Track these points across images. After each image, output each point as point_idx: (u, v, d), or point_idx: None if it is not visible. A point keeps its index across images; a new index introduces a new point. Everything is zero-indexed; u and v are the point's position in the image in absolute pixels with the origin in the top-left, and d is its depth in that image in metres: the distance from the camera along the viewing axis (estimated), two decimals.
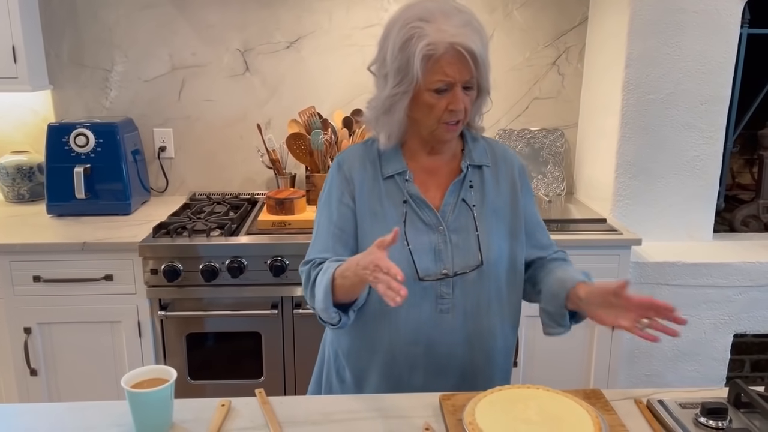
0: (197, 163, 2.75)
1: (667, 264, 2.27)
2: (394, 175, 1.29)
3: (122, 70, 2.66)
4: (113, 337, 2.21)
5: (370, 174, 1.30)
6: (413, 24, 1.16)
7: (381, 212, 1.28)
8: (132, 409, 1.06)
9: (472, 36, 1.16)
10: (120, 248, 2.14)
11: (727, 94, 2.33)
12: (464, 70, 1.17)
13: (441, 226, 1.28)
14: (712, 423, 1.05)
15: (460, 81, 1.18)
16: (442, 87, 1.18)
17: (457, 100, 1.19)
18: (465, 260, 1.27)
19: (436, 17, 1.16)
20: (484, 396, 1.09)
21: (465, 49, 1.15)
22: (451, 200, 1.29)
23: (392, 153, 1.31)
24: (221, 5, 2.60)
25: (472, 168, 1.32)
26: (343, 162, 1.34)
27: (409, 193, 1.28)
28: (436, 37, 1.14)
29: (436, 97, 1.20)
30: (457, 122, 1.24)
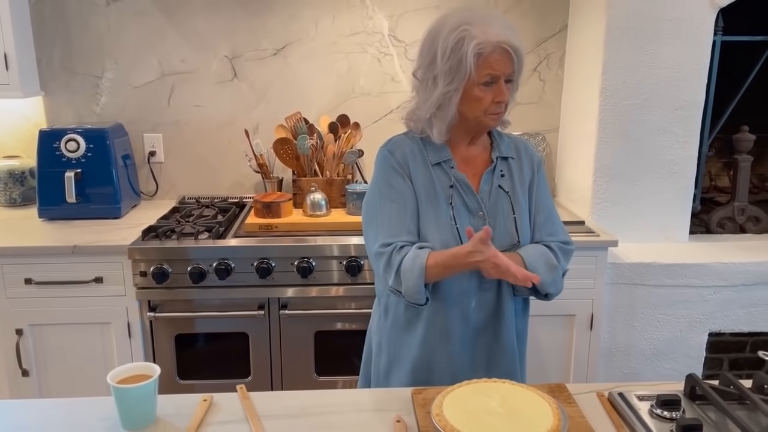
0: (186, 167, 2.80)
1: (643, 264, 2.34)
2: (440, 162, 1.45)
3: (112, 76, 2.71)
4: (103, 338, 2.26)
5: (420, 160, 1.45)
6: (462, 28, 1.33)
7: (434, 194, 1.43)
8: (117, 404, 1.12)
9: (513, 35, 1.34)
10: (110, 251, 2.19)
11: (701, 100, 2.40)
12: (508, 65, 1.35)
13: (481, 211, 1.44)
14: (666, 414, 1.11)
15: (504, 75, 1.35)
16: (489, 80, 1.35)
17: (502, 92, 1.36)
18: (502, 240, 1.43)
19: (479, 22, 1.33)
20: (452, 390, 1.15)
21: (510, 47, 1.33)
22: (486, 187, 1.46)
23: (436, 144, 1.45)
24: (210, 13, 2.66)
25: (501, 159, 1.48)
26: (394, 149, 1.47)
27: (456, 178, 1.44)
28: (483, 38, 1.31)
29: (484, 90, 1.36)
30: (500, 113, 1.40)
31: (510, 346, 1.50)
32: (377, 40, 2.70)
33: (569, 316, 2.31)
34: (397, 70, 2.72)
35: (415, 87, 1.46)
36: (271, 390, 2.31)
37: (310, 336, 2.28)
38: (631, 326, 2.40)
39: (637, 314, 2.39)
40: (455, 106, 1.38)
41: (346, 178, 2.54)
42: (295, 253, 2.20)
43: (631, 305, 2.38)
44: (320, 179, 2.50)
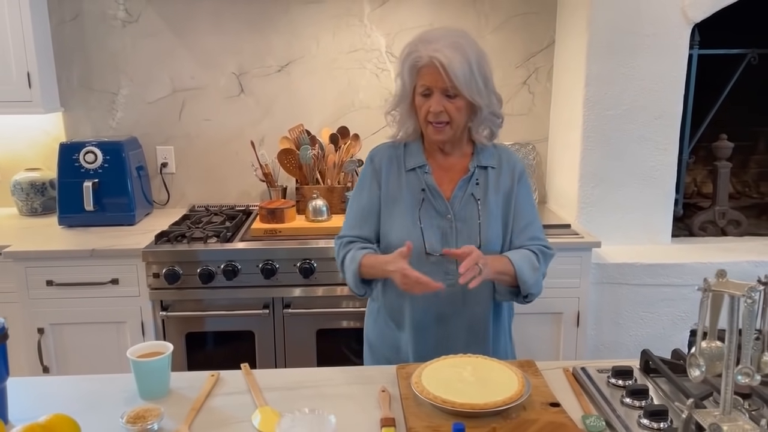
0: (196, 177, 2.97)
1: (626, 265, 2.48)
2: (415, 168, 1.59)
3: (127, 93, 2.89)
4: (119, 337, 2.41)
5: (395, 167, 1.61)
6: (413, 44, 1.50)
7: (400, 198, 1.58)
8: (136, 376, 1.27)
9: (453, 54, 1.43)
10: (125, 254, 2.35)
11: (678, 110, 2.55)
12: (439, 79, 1.45)
13: (449, 214, 1.56)
14: (620, 382, 1.25)
15: (438, 88, 1.46)
16: (424, 92, 1.49)
17: (435, 103, 1.47)
18: (468, 242, 1.53)
19: (428, 39, 1.47)
20: (430, 363, 1.30)
21: (438, 62, 1.43)
22: (459, 193, 1.57)
23: (415, 150, 1.61)
24: (218, 33, 2.84)
25: (480, 168, 1.59)
26: (374, 156, 1.66)
27: (426, 183, 1.57)
28: (422, 53, 1.46)
29: (422, 100, 1.50)
30: (442, 124, 1.50)
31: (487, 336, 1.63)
32: (375, 56, 2.87)
33: (556, 313, 2.44)
34: (393, 84, 2.88)
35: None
36: None
37: (312, 334, 2.42)
38: (616, 324, 2.53)
39: (621, 312, 2.52)
40: (407, 111, 1.55)
41: (346, 186, 2.70)
42: (298, 255, 2.35)
43: (615, 303, 2.51)
44: (322, 187, 2.66)
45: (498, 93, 1.58)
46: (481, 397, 1.16)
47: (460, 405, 1.14)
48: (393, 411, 1.20)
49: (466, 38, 1.50)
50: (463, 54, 1.45)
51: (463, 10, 2.84)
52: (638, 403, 1.17)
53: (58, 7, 2.79)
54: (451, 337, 1.58)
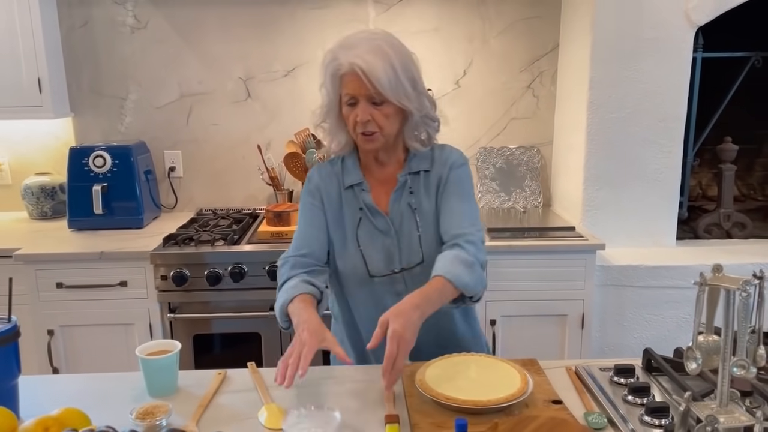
0: (204, 181, 3.00)
1: (631, 267, 2.48)
2: (353, 186, 1.50)
3: (136, 98, 2.93)
4: (127, 338, 2.44)
5: (335, 186, 1.52)
6: (333, 50, 1.40)
7: (341, 219, 1.50)
8: (144, 374, 1.29)
9: (374, 59, 1.34)
10: (133, 257, 2.38)
11: (683, 113, 2.56)
12: (362, 87, 1.35)
13: (392, 230, 1.47)
14: (622, 380, 1.26)
15: (362, 96, 1.37)
16: (349, 101, 1.40)
17: (362, 112, 1.38)
18: (410, 258, 1.47)
19: (348, 45, 1.38)
20: (435, 361, 1.31)
21: (359, 68, 1.34)
22: (396, 206, 1.49)
23: (352, 166, 1.52)
24: (225, 39, 2.88)
25: (413, 175, 1.50)
26: (312, 177, 1.56)
27: (364, 202, 1.49)
28: (342, 60, 1.36)
29: (348, 110, 1.41)
30: (372, 133, 1.41)
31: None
32: None
33: (561, 316, 2.45)
34: None
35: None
36: None
37: None
38: (621, 326, 2.53)
39: (626, 314, 2.53)
40: (335, 120, 1.46)
41: None
42: None
43: (620, 306, 2.52)
44: None
45: (430, 95, 1.49)
46: (484, 394, 1.17)
47: (463, 401, 1.15)
48: (397, 408, 1.22)
49: (389, 40, 1.41)
50: (385, 58, 1.36)
51: (467, 15, 2.87)
52: (640, 401, 1.18)
53: (68, 14, 2.83)
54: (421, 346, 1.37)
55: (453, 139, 2.94)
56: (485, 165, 2.95)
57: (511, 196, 2.95)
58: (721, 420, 0.78)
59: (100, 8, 2.84)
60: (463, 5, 2.87)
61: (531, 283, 2.43)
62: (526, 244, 2.42)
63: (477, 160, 2.95)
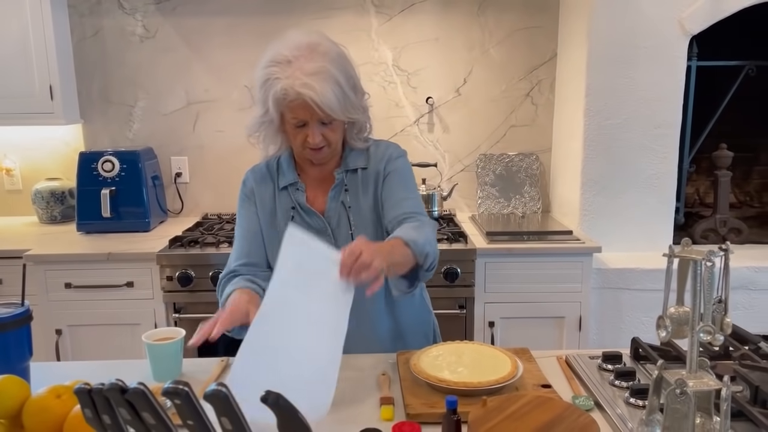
0: (209, 187, 3.07)
1: (627, 270, 2.53)
2: (287, 186, 1.49)
3: (144, 105, 3.01)
4: (133, 338, 2.48)
5: (270, 188, 1.51)
6: (271, 69, 1.32)
7: (275, 221, 1.49)
8: (150, 359, 1.35)
9: (322, 86, 1.28)
10: (140, 258, 2.44)
11: (677, 120, 2.62)
12: (313, 112, 1.31)
13: (328, 229, 1.46)
14: (609, 366, 1.31)
15: (313, 119, 1.33)
16: (298, 123, 1.35)
17: (311, 135, 1.35)
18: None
19: (289, 64, 1.30)
20: (429, 348, 1.36)
21: (310, 99, 1.28)
22: (333, 205, 1.48)
23: (287, 166, 1.50)
24: (231, 48, 2.96)
25: (350, 173, 1.49)
26: (247, 180, 1.56)
27: (297, 201, 1.48)
28: (287, 84, 1.28)
29: (296, 130, 1.36)
30: (321, 148, 1.39)
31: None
32: (382, 69, 2.97)
33: (559, 318, 2.49)
34: (400, 96, 2.98)
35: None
36: None
37: None
38: (618, 328, 2.57)
39: (623, 317, 2.56)
40: (274, 131, 1.41)
41: None
42: None
43: (617, 308, 2.56)
44: None
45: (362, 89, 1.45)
46: (475, 377, 1.22)
47: (455, 383, 1.20)
48: (392, 392, 1.27)
49: (328, 53, 1.34)
50: (331, 79, 1.30)
51: (467, 25, 2.94)
52: (626, 384, 1.23)
53: (79, 23, 2.92)
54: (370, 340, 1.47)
55: (453, 147, 3.04)
56: (485, 171, 3.01)
57: (510, 202, 3.00)
58: (690, 384, 0.83)
59: (111, 18, 2.93)
60: (463, 15, 2.94)
61: (529, 285, 2.47)
62: (524, 247, 2.47)
63: (477, 166, 3.01)
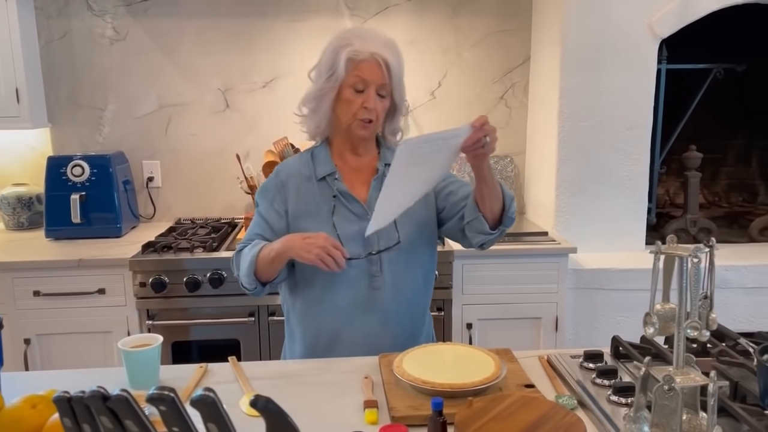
0: (182, 191, 3.02)
1: (602, 270, 2.55)
2: (325, 177, 1.56)
3: (114, 109, 2.95)
4: (105, 346, 2.43)
5: (305, 179, 1.57)
6: (344, 37, 1.49)
7: (315, 210, 1.55)
8: (126, 367, 1.31)
9: (390, 53, 1.48)
10: (112, 264, 2.39)
11: (648, 122, 2.66)
12: (379, 75, 1.46)
13: (368, 215, 1.50)
14: (591, 365, 1.31)
15: (375, 83, 1.47)
16: (359, 86, 1.46)
17: (370, 99, 1.47)
18: (387, 241, 1.53)
19: (362, 36, 1.49)
20: (412, 350, 1.35)
21: (381, 59, 1.45)
22: (374, 193, 1.53)
23: (323, 156, 1.58)
24: (204, 50, 2.92)
25: (388, 166, 1.55)
26: (281, 170, 1.61)
27: (338, 190, 1.55)
28: (359, 47, 1.45)
29: (354, 95, 1.47)
30: (370, 121, 1.49)
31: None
32: None
33: (535, 318, 2.51)
34: None
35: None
36: None
37: None
38: (594, 328, 2.60)
39: (598, 316, 2.59)
40: (329, 104, 1.50)
41: None
42: None
43: (592, 308, 2.58)
44: None
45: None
46: (459, 378, 1.21)
47: (440, 385, 1.19)
48: (376, 395, 1.25)
49: (393, 42, 1.52)
50: (397, 56, 1.50)
51: (441, 28, 2.95)
52: (608, 382, 1.23)
53: (47, 25, 2.86)
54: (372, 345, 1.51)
55: None
56: (461, 174, 3.01)
57: None
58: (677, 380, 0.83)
59: (79, 20, 2.87)
60: (437, 18, 2.95)
61: (506, 287, 2.48)
62: (500, 248, 2.47)
63: (453, 169, 3.01)
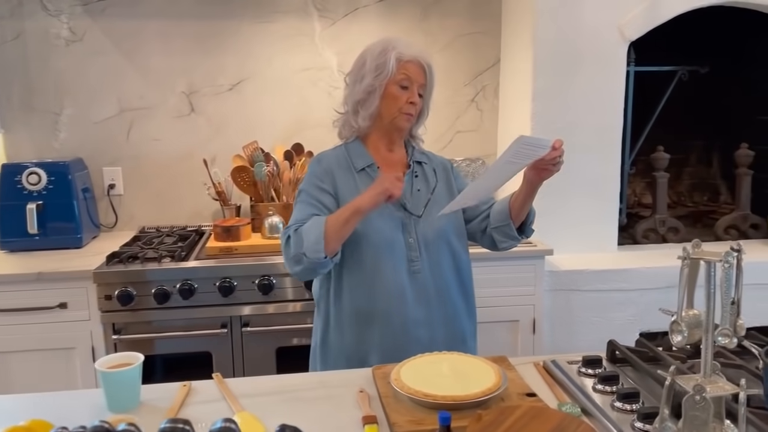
0: (146, 199, 2.91)
1: (577, 272, 2.56)
2: (365, 168, 1.67)
3: (71, 113, 2.82)
4: (67, 364, 2.31)
5: (345, 169, 1.67)
6: (388, 41, 1.66)
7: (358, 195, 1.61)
8: (105, 388, 1.22)
9: (430, 59, 1.68)
10: (74, 276, 2.27)
11: (619, 123, 2.68)
12: (421, 75, 1.65)
13: (406, 206, 1.65)
14: (590, 371, 1.29)
15: (417, 82, 1.64)
16: (405, 83, 1.62)
17: (414, 95, 1.64)
18: (425, 232, 1.65)
19: (405, 42, 1.66)
20: (408, 361, 1.31)
21: (423, 61, 1.65)
22: (407, 187, 1.68)
23: (359, 150, 1.69)
24: (167, 52, 2.82)
25: (416, 163, 1.74)
26: (323, 159, 1.71)
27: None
28: (404, 50, 1.63)
29: (400, 91, 1.62)
30: (411, 115, 1.66)
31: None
32: (327, 75, 2.90)
33: (513, 321, 2.49)
34: None
35: (344, 93, 1.73)
36: None
37: (272, 352, 2.39)
38: (570, 329, 2.60)
39: (574, 318, 2.60)
40: (377, 99, 1.63)
41: None
42: (256, 272, 2.32)
43: (569, 309, 2.58)
44: (277, 204, 2.65)
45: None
46: (461, 390, 1.17)
47: (442, 397, 1.15)
48: (372, 409, 1.20)
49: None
50: (432, 62, 1.68)
51: (411, 30, 2.92)
52: (609, 389, 1.21)
53: None
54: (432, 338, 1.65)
55: None
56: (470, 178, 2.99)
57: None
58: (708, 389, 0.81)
59: (33, 21, 2.73)
60: (407, 20, 2.92)
61: (483, 290, 2.44)
62: (477, 251, 2.43)
63: None
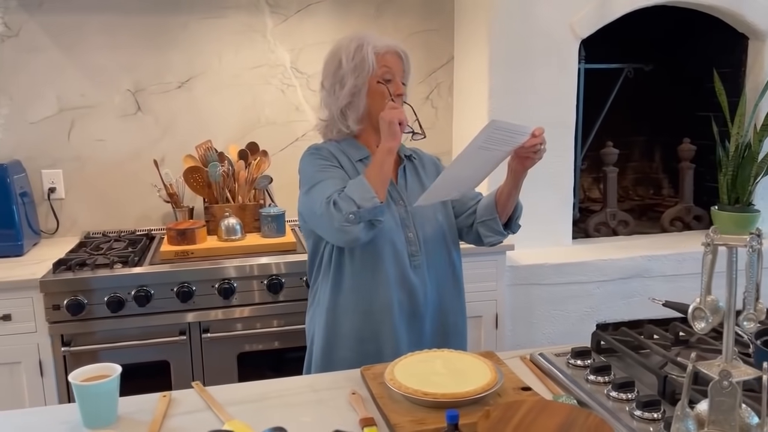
0: (90, 203, 2.76)
1: (536, 266, 2.60)
2: (362, 159, 1.64)
3: (6, 112, 2.64)
4: (12, 379, 2.16)
5: (345, 158, 1.65)
6: (359, 39, 1.61)
7: None
8: (80, 403, 1.14)
9: (402, 46, 1.66)
10: (18, 286, 2.12)
11: (572, 120, 2.74)
12: (400, 65, 1.63)
13: (401, 200, 1.65)
14: (580, 362, 1.30)
15: (398, 74, 1.63)
16: (387, 76, 1.61)
17: (399, 86, 1.62)
18: (422, 224, 1.65)
19: (373, 35, 1.64)
20: (398, 361, 1.28)
21: (399, 50, 1.64)
22: (401, 181, 1.69)
23: (353, 144, 1.67)
24: (110, 48, 2.68)
25: (406, 158, 1.75)
26: (321, 148, 1.67)
27: None
28: (378, 43, 1.61)
29: (384, 86, 1.60)
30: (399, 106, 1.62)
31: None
32: (280, 72, 2.84)
33: (476, 317, 2.50)
34: (300, 100, 2.87)
35: (323, 98, 1.69)
36: None
37: (233, 358, 2.31)
38: (530, 323, 2.64)
39: (534, 311, 2.63)
40: (364, 99, 1.61)
41: (259, 203, 2.62)
42: (215, 276, 2.24)
43: (528, 303, 2.62)
44: (233, 205, 2.56)
45: None
46: (458, 387, 1.16)
47: (442, 396, 1.13)
48: (368, 411, 1.17)
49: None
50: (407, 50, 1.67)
51: (364, 27, 2.88)
52: (602, 379, 1.22)
53: None
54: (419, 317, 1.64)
55: None
56: None
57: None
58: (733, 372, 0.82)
59: None
60: (360, 18, 2.89)
61: None
62: None
63: None
